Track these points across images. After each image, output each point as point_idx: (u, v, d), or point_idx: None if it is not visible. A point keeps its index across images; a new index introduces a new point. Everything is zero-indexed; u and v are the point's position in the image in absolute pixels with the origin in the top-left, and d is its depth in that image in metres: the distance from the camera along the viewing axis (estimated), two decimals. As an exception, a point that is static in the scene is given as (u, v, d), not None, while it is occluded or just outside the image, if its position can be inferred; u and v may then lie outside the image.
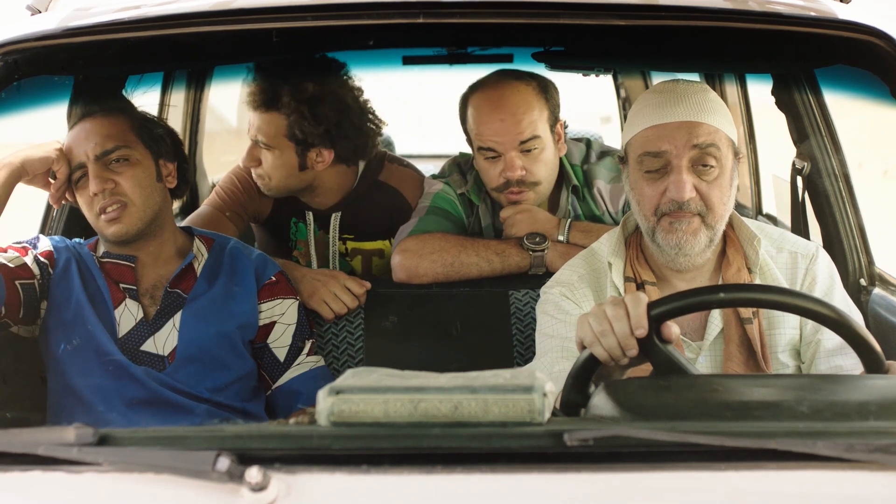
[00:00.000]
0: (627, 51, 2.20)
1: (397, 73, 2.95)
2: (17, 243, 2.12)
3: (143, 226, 2.11)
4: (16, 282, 2.02)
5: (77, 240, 2.22)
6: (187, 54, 2.04)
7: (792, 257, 1.91)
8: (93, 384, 2.05)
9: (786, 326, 1.86)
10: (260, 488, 1.08)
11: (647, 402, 1.33)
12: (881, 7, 1.80)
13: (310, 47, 2.26)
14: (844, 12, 1.72)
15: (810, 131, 2.51)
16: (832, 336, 1.77)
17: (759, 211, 3.38)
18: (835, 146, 2.50)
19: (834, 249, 2.45)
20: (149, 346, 2.09)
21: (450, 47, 2.46)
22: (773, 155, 3.39)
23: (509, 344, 2.34)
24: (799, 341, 1.86)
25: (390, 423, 1.15)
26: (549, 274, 2.15)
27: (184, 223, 2.49)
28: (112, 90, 2.32)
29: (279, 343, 2.21)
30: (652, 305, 1.49)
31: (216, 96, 3.83)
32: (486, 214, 2.53)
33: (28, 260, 2.08)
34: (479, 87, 2.42)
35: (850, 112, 2.65)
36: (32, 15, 1.91)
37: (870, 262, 2.45)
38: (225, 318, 2.15)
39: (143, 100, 2.28)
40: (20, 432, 1.19)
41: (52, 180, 2.11)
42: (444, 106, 2.51)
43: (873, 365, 1.47)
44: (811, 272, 1.89)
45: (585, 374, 1.52)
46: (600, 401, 1.29)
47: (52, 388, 2.10)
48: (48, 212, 2.61)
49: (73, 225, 2.51)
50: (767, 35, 1.71)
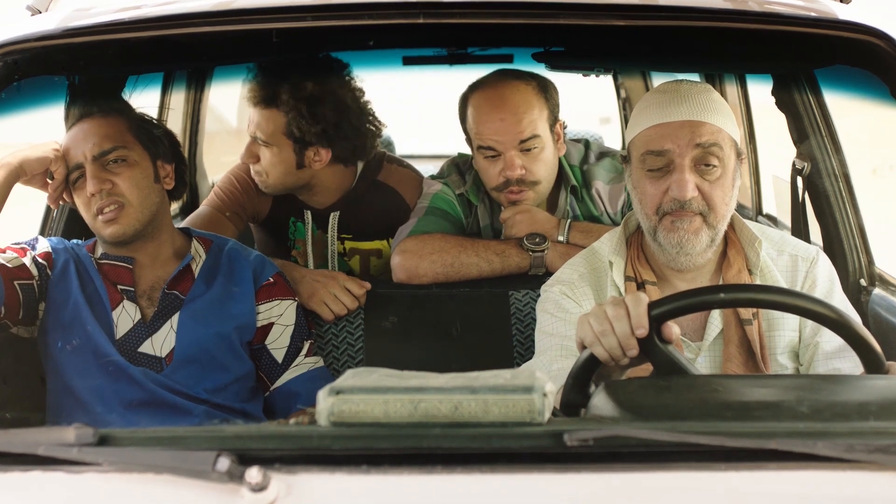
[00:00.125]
0: (627, 51, 2.20)
1: (397, 74, 2.95)
2: (16, 244, 2.11)
3: (141, 227, 2.11)
4: (15, 282, 2.02)
5: (75, 241, 2.22)
6: (187, 55, 2.03)
7: (792, 260, 1.91)
8: (91, 385, 2.05)
9: (785, 328, 1.86)
10: (260, 488, 1.08)
11: (648, 402, 1.33)
12: (881, 7, 1.80)
13: (310, 48, 2.26)
14: (844, 12, 1.72)
15: (810, 131, 2.51)
16: (831, 339, 1.78)
17: (759, 211, 3.38)
18: (835, 146, 2.50)
19: (834, 250, 2.45)
20: (146, 348, 2.09)
21: (450, 48, 2.46)
22: (773, 155, 3.39)
23: (509, 344, 2.34)
24: (798, 343, 1.87)
25: (390, 423, 1.15)
26: (548, 274, 2.15)
27: (183, 224, 2.49)
28: (110, 91, 2.32)
29: (277, 344, 2.20)
30: (653, 305, 1.49)
31: (216, 97, 3.83)
32: (485, 215, 2.53)
33: (26, 261, 2.07)
34: (479, 86, 2.42)
35: (849, 112, 2.65)
36: (32, 15, 1.91)
37: (870, 262, 2.45)
38: (223, 320, 2.15)
39: (142, 100, 2.28)
40: (20, 432, 1.19)
41: (49, 181, 2.11)
42: (444, 106, 2.51)
43: (873, 365, 1.47)
44: (811, 275, 1.89)
45: (586, 374, 1.52)
46: (600, 401, 1.29)
47: (51, 388, 2.10)
48: (48, 213, 2.61)
49: (73, 226, 2.51)
50: (767, 35, 1.71)
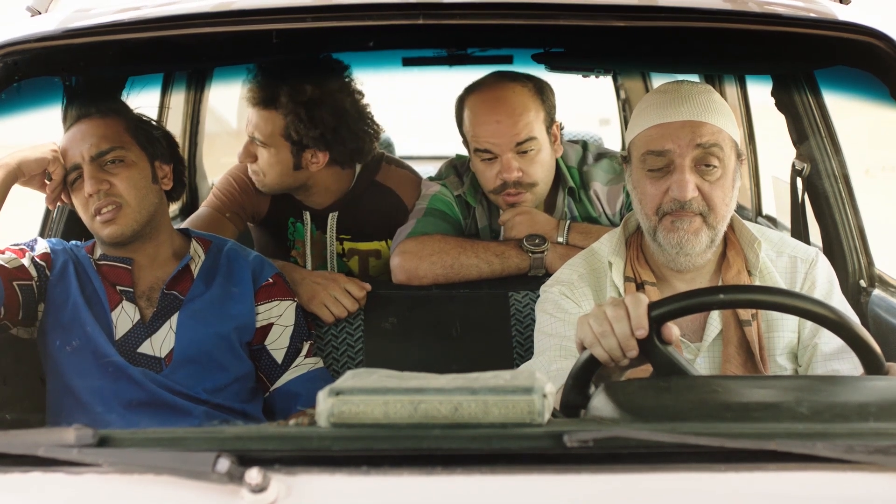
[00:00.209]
0: (627, 52, 2.20)
1: (397, 75, 2.95)
2: (15, 245, 2.11)
3: (139, 227, 2.11)
4: (14, 283, 2.02)
5: (74, 242, 2.22)
6: (187, 55, 2.04)
7: (791, 261, 1.91)
8: (90, 386, 2.05)
9: (784, 330, 1.86)
10: (260, 489, 1.08)
11: (647, 403, 1.33)
12: (881, 8, 1.80)
13: (310, 48, 2.26)
14: (844, 13, 1.72)
15: (810, 132, 2.51)
16: (829, 340, 1.78)
17: (758, 212, 3.38)
18: (834, 147, 2.50)
19: (833, 251, 2.45)
20: (146, 348, 2.09)
21: (450, 49, 2.46)
22: (772, 156, 3.39)
23: (509, 345, 2.34)
24: (797, 345, 1.87)
25: (390, 424, 1.15)
26: (548, 275, 2.15)
27: (183, 225, 2.49)
28: (108, 92, 2.32)
29: (277, 345, 2.20)
30: (652, 306, 1.49)
31: (216, 98, 3.83)
32: (483, 216, 2.53)
33: (25, 262, 2.07)
34: (474, 88, 2.42)
35: (849, 113, 2.65)
36: (32, 16, 1.91)
37: (870, 263, 2.45)
38: (222, 320, 2.14)
39: (142, 101, 2.28)
40: (20, 433, 1.19)
41: (47, 182, 2.10)
42: (444, 107, 2.50)
43: (873, 366, 1.48)
44: (810, 277, 1.89)
45: (585, 374, 1.52)
46: (600, 402, 1.28)
47: (51, 389, 2.10)
48: (47, 214, 2.60)
49: (72, 227, 2.51)
50: (767, 36, 1.71)
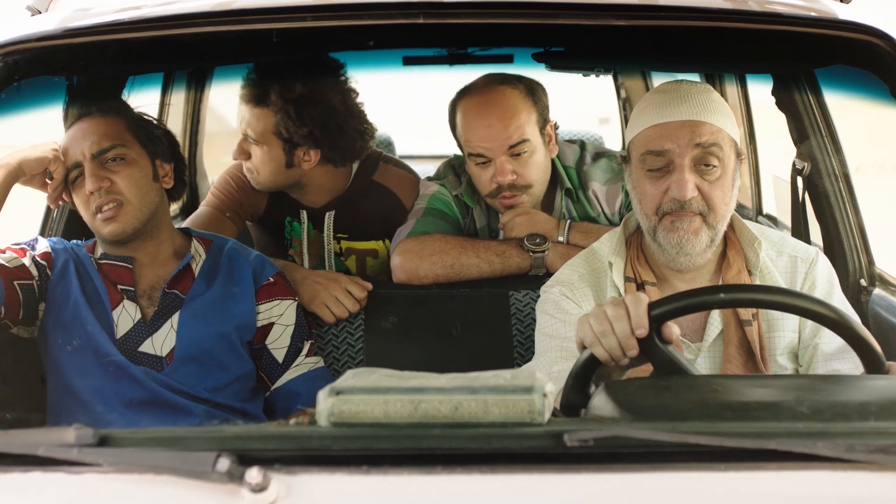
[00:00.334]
0: (627, 51, 2.20)
1: (397, 74, 2.95)
2: (16, 244, 2.11)
3: (140, 225, 2.11)
4: (14, 283, 2.02)
5: (75, 241, 2.22)
6: (187, 55, 2.04)
7: (792, 261, 1.91)
8: (91, 385, 2.05)
9: (785, 329, 1.86)
10: (260, 489, 1.08)
11: (648, 402, 1.33)
12: (881, 7, 1.80)
13: (310, 48, 2.26)
14: (844, 12, 1.72)
15: (810, 131, 2.51)
16: (830, 340, 1.78)
17: (759, 211, 3.38)
18: (835, 146, 2.50)
19: (834, 250, 2.45)
20: (147, 347, 2.09)
21: (450, 48, 2.46)
22: (773, 155, 3.39)
23: (509, 345, 2.34)
24: (797, 344, 1.86)
25: (390, 423, 1.15)
26: (549, 275, 2.15)
27: (184, 224, 2.49)
28: (109, 91, 2.32)
29: (278, 344, 2.20)
30: (652, 306, 1.49)
31: (216, 97, 3.83)
32: (482, 216, 2.53)
33: (26, 261, 2.07)
34: (465, 93, 2.42)
35: (849, 112, 2.65)
36: (32, 15, 1.91)
37: (870, 262, 2.45)
38: (223, 319, 2.15)
39: (142, 100, 2.28)
40: (20, 433, 1.19)
41: (48, 181, 2.11)
42: (445, 106, 2.51)
43: (873, 365, 1.47)
44: (811, 276, 1.89)
45: (586, 374, 1.52)
46: (600, 401, 1.28)
47: (52, 388, 2.10)
48: (48, 213, 2.60)
49: (73, 226, 2.51)
50: (767, 35, 1.71)
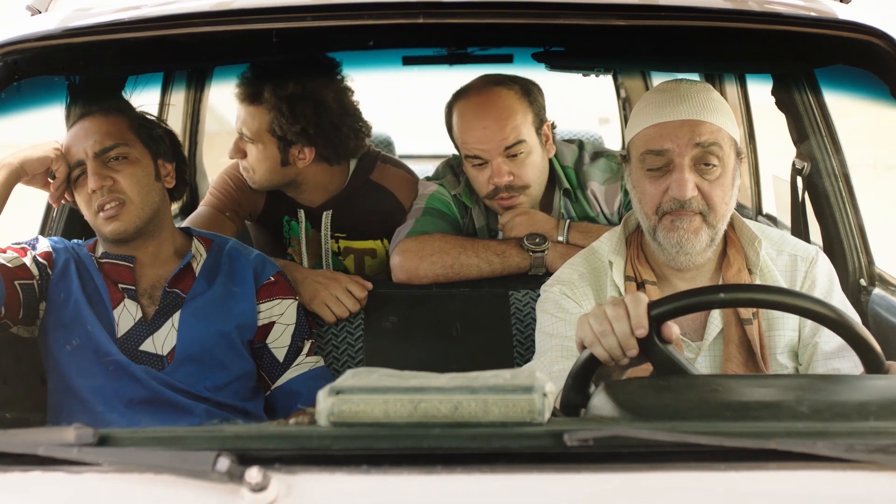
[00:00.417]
0: (627, 51, 2.20)
1: (397, 74, 2.95)
2: (16, 244, 2.12)
3: (142, 224, 2.11)
4: (15, 282, 2.02)
5: (76, 241, 2.22)
6: (187, 55, 2.04)
7: (792, 260, 1.91)
8: (92, 384, 2.05)
9: (785, 328, 1.86)
10: (260, 489, 1.08)
11: (648, 402, 1.33)
12: (881, 7, 1.80)
13: (310, 48, 2.26)
14: (844, 12, 1.72)
15: (810, 131, 2.51)
16: (830, 339, 1.78)
17: (759, 211, 3.38)
18: (835, 146, 2.50)
19: (834, 249, 2.45)
20: (148, 346, 2.09)
21: (450, 47, 2.46)
22: (773, 155, 3.39)
23: (509, 344, 2.34)
24: (797, 343, 1.87)
25: (390, 423, 1.15)
26: (548, 274, 2.15)
27: (184, 224, 2.49)
28: (111, 90, 2.32)
29: (278, 343, 2.21)
30: (652, 305, 1.49)
31: (216, 97, 3.82)
32: (480, 216, 2.53)
33: (27, 260, 2.07)
34: (461, 94, 2.42)
35: (849, 112, 2.65)
36: (32, 15, 1.91)
37: (870, 262, 2.45)
38: (224, 318, 2.15)
39: (142, 100, 2.28)
40: (20, 433, 1.19)
41: (51, 180, 2.11)
42: (444, 106, 2.51)
43: (873, 365, 1.47)
44: (811, 275, 1.89)
45: (585, 374, 1.52)
46: (600, 401, 1.29)
47: (52, 388, 2.10)
48: (48, 213, 2.61)
49: (73, 226, 2.52)
50: (767, 35, 1.71)
